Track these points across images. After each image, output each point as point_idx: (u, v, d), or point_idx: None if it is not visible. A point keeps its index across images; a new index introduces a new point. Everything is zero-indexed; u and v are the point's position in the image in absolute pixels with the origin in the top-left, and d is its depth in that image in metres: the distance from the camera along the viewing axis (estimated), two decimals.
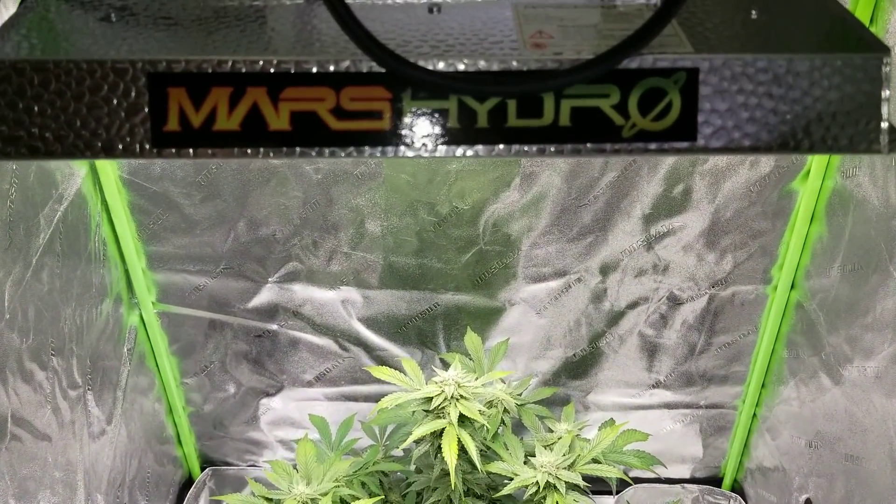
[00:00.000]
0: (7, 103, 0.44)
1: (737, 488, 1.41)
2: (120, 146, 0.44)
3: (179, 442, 1.38)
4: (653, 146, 0.45)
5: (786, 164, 1.09)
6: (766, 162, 1.09)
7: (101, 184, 1.10)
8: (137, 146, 0.45)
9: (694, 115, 0.45)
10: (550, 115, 0.45)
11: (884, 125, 0.46)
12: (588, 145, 0.45)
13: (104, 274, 1.13)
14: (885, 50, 0.46)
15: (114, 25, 0.47)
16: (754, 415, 1.33)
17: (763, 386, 1.30)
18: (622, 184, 1.12)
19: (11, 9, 0.69)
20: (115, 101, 0.44)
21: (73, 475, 1.04)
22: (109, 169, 1.09)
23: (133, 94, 0.44)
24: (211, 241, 1.17)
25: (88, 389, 1.08)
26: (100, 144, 0.44)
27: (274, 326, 1.27)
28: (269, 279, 1.21)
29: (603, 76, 0.44)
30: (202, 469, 1.42)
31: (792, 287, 1.19)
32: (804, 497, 1.20)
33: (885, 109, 0.46)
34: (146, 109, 0.44)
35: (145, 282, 1.21)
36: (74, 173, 1.04)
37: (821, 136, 0.45)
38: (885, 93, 0.45)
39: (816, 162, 1.07)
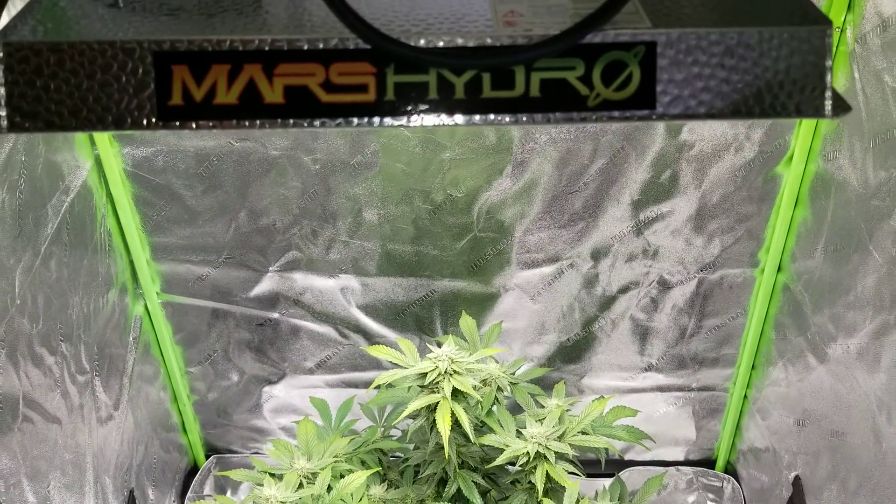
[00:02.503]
0: (25, 81, 0.48)
1: (730, 470, 1.44)
2: (129, 119, 0.49)
3: (184, 430, 1.42)
4: (616, 114, 0.50)
5: (770, 149, 1.12)
6: (751, 147, 1.12)
7: (106, 176, 1.13)
8: (145, 119, 0.49)
9: (653, 85, 0.49)
10: (522, 86, 0.49)
11: (828, 92, 0.50)
12: (557, 114, 0.50)
13: (109, 264, 1.17)
14: (828, 23, 0.50)
15: (121, 10, 0.52)
16: (745, 396, 1.36)
17: (753, 367, 1.32)
18: (611, 171, 1.15)
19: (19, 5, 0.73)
20: (123, 78, 0.49)
21: (83, 458, 1.07)
22: (114, 161, 1.13)
23: (140, 71, 0.49)
24: (213, 232, 1.21)
25: (96, 375, 1.11)
26: (110, 118, 0.49)
27: (275, 315, 1.30)
28: (270, 268, 1.25)
29: (568, 50, 0.49)
30: (207, 457, 1.45)
31: (779, 269, 1.22)
32: (793, 474, 1.22)
33: (828, 77, 0.50)
34: (152, 86, 0.49)
35: (149, 272, 1.24)
36: (80, 165, 1.08)
37: (770, 103, 0.50)
38: (828, 62, 0.49)
39: (799, 147, 1.10)
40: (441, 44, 0.49)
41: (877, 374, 0.98)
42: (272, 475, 0.93)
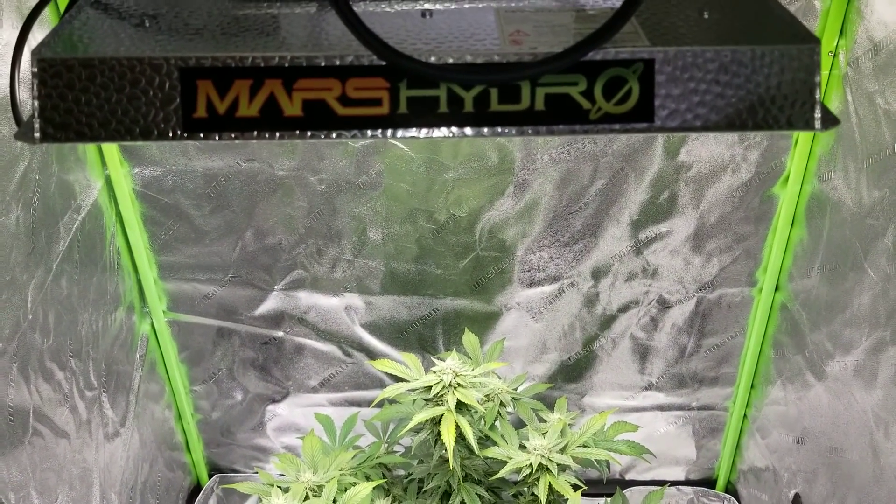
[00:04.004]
0: (59, 95, 0.51)
1: (730, 489, 1.45)
2: (155, 131, 0.52)
3: (188, 448, 1.43)
4: (616, 127, 0.53)
5: (766, 170, 1.15)
6: (747, 168, 1.15)
7: (116, 196, 1.15)
8: (170, 131, 0.52)
9: (651, 99, 0.53)
10: (527, 100, 0.52)
11: (817, 106, 0.53)
12: (560, 126, 0.53)
13: (118, 282, 1.19)
14: (817, 41, 0.53)
15: (148, 30, 0.55)
16: (745, 415, 1.37)
17: (752, 386, 1.34)
18: (611, 191, 1.17)
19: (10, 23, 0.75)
20: (151, 92, 0.52)
21: (90, 473, 1.08)
22: (124, 181, 1.15)
23: (167, 86, 0.52)
24: (219, 251, 1.23)
25: (103, 392, 1.13)
26: (138, 130, 0.52)
27: (280, 333, 1.32)
28: (276, 287, 1.27)
29: (571, 66, 0.52)
30: (210, 476, 1.46)
31: (776, 288, 1.23)
32: (793, 492, 1.23)
33: (817, 93, 0.53)
34: (178, 99, 0.52)
35: (156, 291, 1.26)
36: (91, 185, 1.10)
37: (762, 116, 0.53)
38: (817, 78, 0.52)
39: (795, 167, 1.13)
40: (451, 60, 0.52)
41: (873, 391, 0.99)
42: (279, 487, 0.94)
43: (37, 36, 0.67)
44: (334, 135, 0.52)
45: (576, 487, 0.94)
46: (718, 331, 1.30)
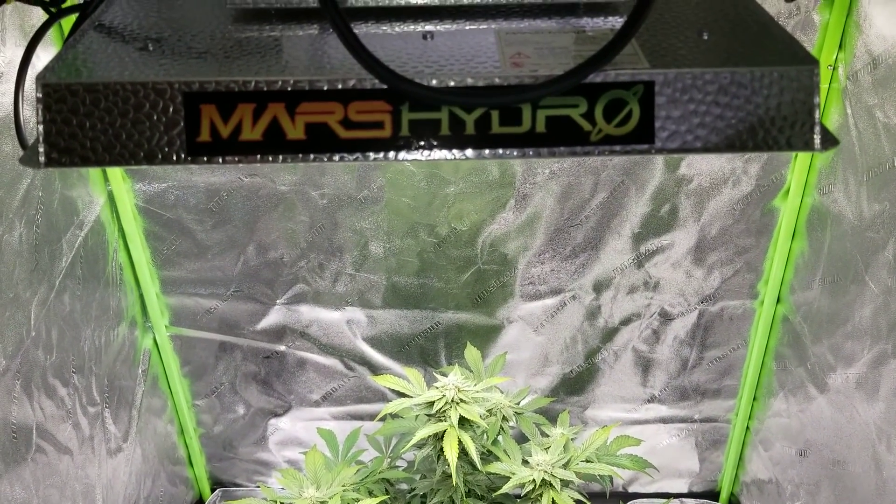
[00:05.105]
0: (63, 119, 0.52)
1: (734, 501, 1.44)
2: (159, 155, 0.52)
3: (190, 463, 1.42)
4: (617, 148, 0.53)
5: (766, 182, 1.15)
6: (748, 181, 1.15)
7: (119, 211, 1.16)
8: (174, 155, 0.52)
9: (651, 121, 0.53)
10: (528, 122, 0.53)
11: (817, 127, 0.53)
12: (561, 148, 0.53)
13: (120, 298, 1.19)
14: (816, 62, 0.53)
15: (152, 53, 0.56)
16: (747, 427, 1.37)
17: (755, 399, 1.34)
18: (612, 204, 1.18)
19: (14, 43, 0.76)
20: (155, 117, 0.52)
21: (92, 490, 1.08)
22: (126, 197, 1.15)
23: (171, 110, 0.52)
24: (222, 266, 1.23)
25: (106, 407, 1.13)
26: (142, 154, 0.52)
27: (282, 347, 1.32)
28: (277, 301, 1.27)
29: (572, 89, 0.52)
30: (212, 490, 1.46)
31: (778, 301, 1.24)
32: None
33: (816, 113, 0.53)
34: (182, 123, 0.52)
35: (159, 306, 1.26)
36: (94, 201, 1.10)
37: (762, 137, 0.53)
38: (816, 99, 0.53)
39: (795, 180, 1.13)
40: (452, 83, 0.53)
41: (876, 403, 0.99)
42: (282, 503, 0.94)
43: (40, 55, 0.68)
44: (337, 157, 0.53)
45: (579, 503, 0.94)
46: (720, 343, 1.30)
